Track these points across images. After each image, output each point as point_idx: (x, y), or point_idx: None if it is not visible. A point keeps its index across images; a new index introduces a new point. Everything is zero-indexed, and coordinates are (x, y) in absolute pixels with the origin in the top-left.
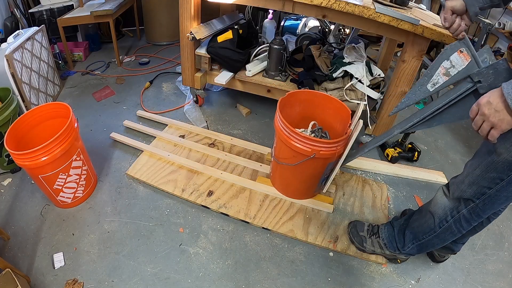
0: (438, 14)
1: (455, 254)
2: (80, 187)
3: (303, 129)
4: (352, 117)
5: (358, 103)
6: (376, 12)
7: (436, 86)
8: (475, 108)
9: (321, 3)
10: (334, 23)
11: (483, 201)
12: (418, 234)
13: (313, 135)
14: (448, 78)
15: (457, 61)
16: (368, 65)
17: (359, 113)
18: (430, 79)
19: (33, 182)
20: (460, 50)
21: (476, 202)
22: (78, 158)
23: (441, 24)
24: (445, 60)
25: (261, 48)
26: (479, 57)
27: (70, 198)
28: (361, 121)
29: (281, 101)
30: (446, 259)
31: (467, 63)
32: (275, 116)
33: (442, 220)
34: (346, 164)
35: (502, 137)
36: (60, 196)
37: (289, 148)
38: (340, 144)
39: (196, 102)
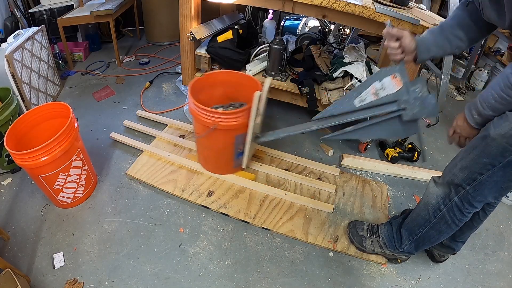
0: (438, 14)
1: (455, 253)
2: (80, 187)
3: (221, 106)
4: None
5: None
6: (376, 12)
7: (363, 103)
8: (451, 129)
9: (321, 3)
10: (334, 23)
11: (473, 187)
12: (414, 228)
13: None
14: (376, 99)
15: (388, 84)
16: (368, 65)
17: (265, 87)
18: (359, 95)
19: (33, 182)
20: (394, 75)
21: (466, 189)
22: (78, 158)
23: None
24: (378, 81)
25: (261, 48)
26: (411, 86)
27: (70, 198)
28: (260, 93)
29: (196, 80)
30: (446, 259)
31: (398, 88)
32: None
33: (436, 209)
34: (346, 164)
35: (496, 123)
36: (60, 196)
37: (198, 123)
38: (238, 115)
39: None
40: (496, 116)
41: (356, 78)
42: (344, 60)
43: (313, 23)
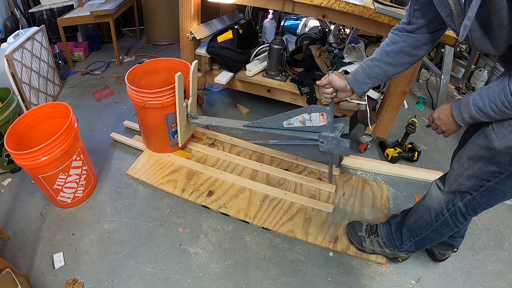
0: None
1: (455, 251)
2: (80, 187)
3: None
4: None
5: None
6: (376, 12)
7: (289, 126)
8: (431, 118)
9: (321, 3)
10: (334, 23)
11: (480, 193)
12: (415, 230)
13: None
14: (302, 126)
15: (315, 119)
16: None
17: (191, 68)
18: (288, 119)
19: (33, 182)
20: (322, 113)
21: (473, 195)
22: (78, 158)
23: (318, 82)
24: (307, 113)
25: (261, 48)
26: (335, 123)
27: (70, 198)
28: (179, 74)
29: (136, 67)
30: (447, 257)
31: (322, 124)
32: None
33: (438, 213)
34: (346, 164)
35: (501, 136)
36: (60, 196)
37: (133, 103)
38: (164, 94)
39: (196, 102)
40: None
41: None
42: (344, 60)
43: (313, 23)
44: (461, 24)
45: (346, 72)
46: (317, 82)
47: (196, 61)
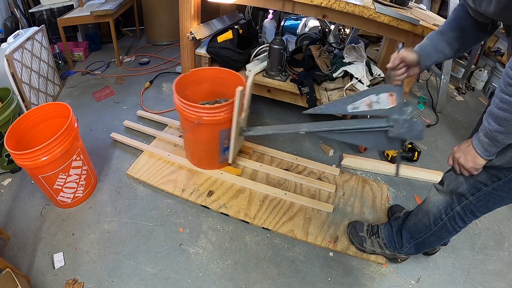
0: (438, 14)
1: (445, 245)
2: (80, 187)
3: (207, 102)
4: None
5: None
6: (376, 12)
7: (355, 110)
8: (451, 157)
9: (321, 3)
10: (334, 23)
11: (477, 198)
12: (415, 233)
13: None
14: (368, 110)
15: (383, 100)
16: (368, 65)
17: (248, 82)
18: (353, 102)
19: (33, 182)
20: (391, 93)
21: (469, 199)
22: (78, 158)
23: (389, 65)
24: (374, 95)
25: (261, 48)
26: (403, 106)
27: (70, 198)
28: (241, 88)
29: (182, 77)
30: (437, 251)
31: (391, 106)
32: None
33: (437, 218)
34: (346, 164)
35: (500, 153)
36: (60, 196)
37: (183, 117)
38: (221, 110)
39: None
40: (502, 132)
41: (356, 78)
42: (344, 60)
43: (313, 23)
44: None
45: (346, 72)
46: (388, 65)
47: (254, 73)
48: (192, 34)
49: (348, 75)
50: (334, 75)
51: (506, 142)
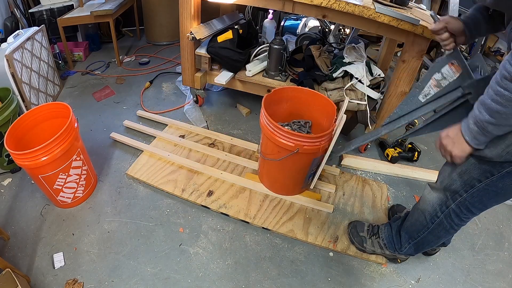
0: (438, 14)
1: (445, 246)
2: (80, 187)
3: (287, 124)
4: (337, 113)
5: (343, 100)
6: (376, 12)
7: (428, 97)
8: (439, 139)
9: (321, 3)
10: (334, 23)
11: (471, 195)
12: (413, 233)
13: (298, 129)
14: (440, 89)
15: (448, 73)
16: (368, 65)
17: (344, 108)
18: (422, 91)
19: (33, 182)
20: (451, 63)
21: (463, 196)
22: (78, 158)
23: (430, 26)
24: (437, 73)
25: (261, 48)
26: (470, 67)
27: (70, 198)
28: (344, 116)
29: (266, 97)
30: (437, 251)
31: (459, 74)
32: (260, 112)
33: (433, 216)
34: (346, 164)
35: (492, 144)
36: (60, 196)
37: (273, 144)
38: (323, 139)
39: (196, 102)
40: (493, 123)
41: (356, 78)
42: (344, 60)
43: (313, 23)
44: None
45: (346, 72)
46: (430, 27)
47: (348, 98)
48: (192, 34)
49: (348, 75)
50: (334, 75)
51: (495, 134)
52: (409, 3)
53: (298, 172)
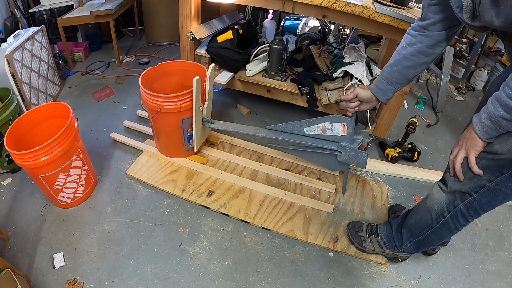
0: None
1: (445, 245)
2: (80, 187)
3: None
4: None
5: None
6: (376, 12)
7: (310, 133)
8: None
9: (321, 3)
10: (334, 23)
11: (481, 195)
12: (415, 231)
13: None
14: (322, 134)
15: (336, 129)
16: (368, 65)
17: (208, 72)
18: (310, 126)
19: (33, 182)
20: (343, 124)
21: (473, 196)
22: (78, 158)
23: (343, 97)
24: (329, 123)
25: (261, 48)
26: (355, 135)
27: (70, 198)
28: (198, 78)
29: (150, 70)
30: (437, 251)
31: (343, 135)
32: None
33: (439, 215)
34: None
35: (501, 139)
36: (60, 196)
37: (148, 107)
38: (181, 99)
39: None
40: (508, 119)
41: (356, 78)
42: (344, 60)
43: (313, 23)
44: (470, 17)
45: (346, 72)
46: (343, 98)
47: (213, 64)
48: (192, 34)
49: (348, 75)
50: (334, 75)
51: (508, 129)
52: (409, 3)
53: (173, 132)
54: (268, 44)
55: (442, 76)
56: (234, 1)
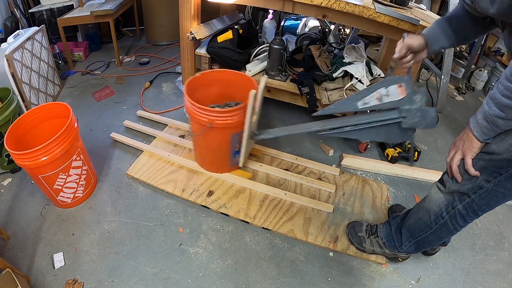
0: (438, 14)
1: (445, 246)
2: (80, 187)
3: (218, 106)
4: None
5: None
6: (376, 12)
7: (365, 106)
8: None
9: (321, 3)
10: (334, 23)
11: (479, 196)
12: (414, 231)
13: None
14: (379, 103)
15: (393, 92)
16: (368, 65)
17: (261, 84)
18: (363, 98)
19: (33, 182)
20: (400, 84)
21: (472, 197)
22: (78, 158)
23: (395, 55)
24: (384, 88)
25: (261, 48)
26: (413, 96)
27: (70, 198)
28: (255, 92)
29: (192, 79)
30: (437, 251)
31: (402, 97)
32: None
33: (438, 216)
34: (346, 164)
35: (498, 139)
36: (60, 196)
37: (193, 120)
38: (235, 114)
39: None
40: (503, 118)
41: (356, 78)
42: (344, 60)
43: (313, 23)
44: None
45: (346, 72)
46: (394, 56)
47: (267, 76)
48: (192, 34)
49: (348, 75)
50: (334, 75)
51: (504, 128)
52: (409, 3)
53: (221, 148)
54: (268, 44)
55: (442, 76)
56: (234, 1)
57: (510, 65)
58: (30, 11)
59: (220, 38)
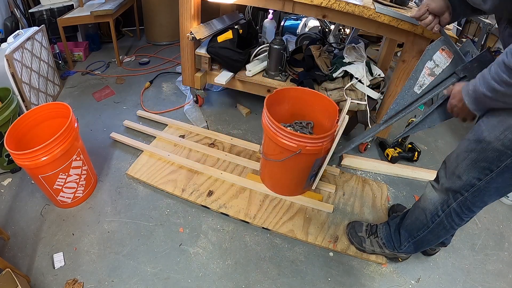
0: None
1: (445, 246)
2: (80, 187)
3: (289, 125)
4: (339, 113)
5: (346, 100)
6: (376, 12)
7: (423, 88)
8: (447, 93)
9: (321, 3)
10: (334, 23)
11: (472, 194)
12: (412, 231)
13: (300, 130)
14: (434, 78)
15: (440, 59)
16: (368, 65)
17: (346, 109)
18: (416, 82)
19: (33, 182)
20: (442, 49)
21: (465, 195)
22: (78, 158)
23: (414, 14)
24: (429, 61)
25: (261, 48)
26: (461, 53)
27: (70, 198)
28: (347, 117)
29: (268, 98)
30: (437, 251)
31: (450, 60)
32: (262, 113)
33: (434, 215)
34: (346, 164)
35: (490, 126)
36: (60, 196)
37: (276, 144)
38: (326, 139)
39: (196, 102)
40: (489, 97)
41: (356, 78)
42: (344, 60)
43: (313, 23)
44: None
45: (346, 72)
46: (412, 15)
47: (350, 98)
48: (192, 34)
49: (348, 75)
50: (334, 75)
51: (492, 105)
52: (409, 3)
53: (300, 172)
54: (268, 44)
55: None
56: (234, 1)
57: (504, 53)
58: (30, 11)
59: (220, 38)
